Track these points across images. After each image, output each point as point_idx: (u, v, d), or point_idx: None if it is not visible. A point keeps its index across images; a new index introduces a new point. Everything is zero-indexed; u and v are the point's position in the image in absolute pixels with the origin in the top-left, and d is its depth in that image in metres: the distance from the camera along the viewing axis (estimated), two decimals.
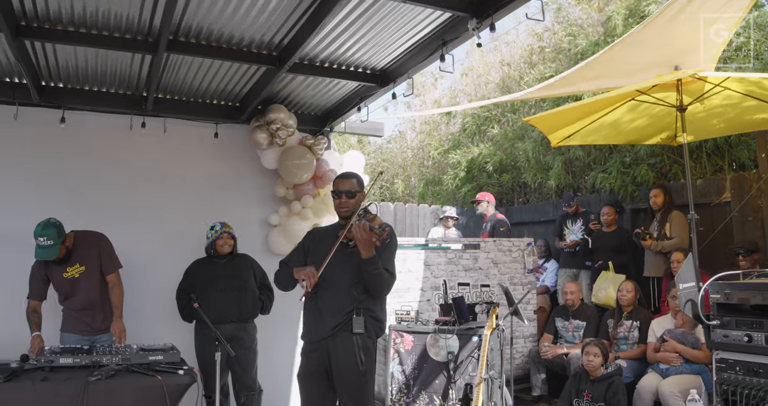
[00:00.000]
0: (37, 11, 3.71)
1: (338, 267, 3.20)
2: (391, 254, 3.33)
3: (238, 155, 5.66)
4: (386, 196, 11.34)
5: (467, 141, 8.81)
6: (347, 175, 3.44)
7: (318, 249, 3.34)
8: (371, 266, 3.11)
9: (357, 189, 3.35)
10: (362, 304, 3.21)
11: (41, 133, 4.91)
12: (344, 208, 3.31)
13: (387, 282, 3.23)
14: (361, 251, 3.09)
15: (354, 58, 4.61)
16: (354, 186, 3.34)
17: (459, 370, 4.60)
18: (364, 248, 3.07)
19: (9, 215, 4.64)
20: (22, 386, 3.26)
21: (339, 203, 3.33)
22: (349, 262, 3.19)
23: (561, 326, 5.63)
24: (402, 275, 5.34)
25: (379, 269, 3.13)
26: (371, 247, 3.08)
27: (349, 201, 3.31)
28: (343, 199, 3.31)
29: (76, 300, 4.23)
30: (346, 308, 3.19)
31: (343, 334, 3.17)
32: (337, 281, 3.22)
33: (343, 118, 5.75)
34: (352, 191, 3.32)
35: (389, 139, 12.69)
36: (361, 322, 3.18)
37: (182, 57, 4.42)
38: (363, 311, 3.20)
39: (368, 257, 3.09)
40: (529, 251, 6.04)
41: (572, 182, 7.26)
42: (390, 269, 3.26)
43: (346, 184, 3.34)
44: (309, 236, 3.53)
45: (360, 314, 3.19)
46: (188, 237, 5.28)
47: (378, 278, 3.14)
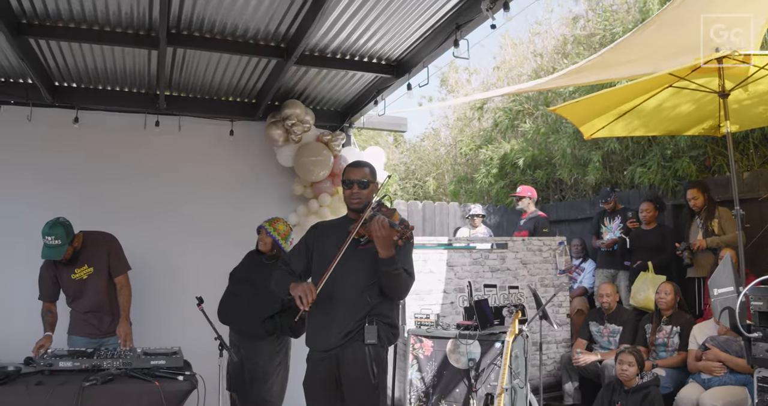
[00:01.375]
0: (35, 9, 3.65)
1: (349, 267, 2.89)
2: (409, 253, 3.02)
3: (255, 153, 5.53)
4: (419, 194, 11.08)
5: (499, 136, 8.46)
6: (359, 164, 3.12)
7: (324, 245, 3.04)
8: (391, 267, 2.79)
9: (370, 179, 3.03)
10: (375, 309, 2.92)
11: (55, 133, 4.89)
12: (356, 199, 2.99)
13: (406, 283, 2.93)
14: (379, 251, 2.76)
15: (366, 48, 4.40)
16: (366, 175, 3.02)
17: (480, 378, 4.31)
18: (383, 246, 2.75)
19: (22, 214, 4.62)
20: (16, 389, 3.16)
21: (350, 193, 3.01)
22: (361, 261, 2.87)
23: (595, 330, 5.26)
24: (423, 276, 5.09)
25: (398, 269, 2.82)
26: (391, 246, 2.75)
27: (362, 192, 2.99)
28: (354, 189, 2.99)
29: (83, 302, 4.14)
30: (357, 314, 2.90)
31: (354, 344, 2.89)
32: (348, 284, 2.92)
33: (361, 112, 5.54)
34: (364, 181, 3.00)
35: (423, 137, 12.44)
36: (374, 331, 2.88)
37: (192, 52, 4.32)
38: (376, 317, 2.92)
39: (388, 257, 2.77)
40: (561, 251, 5.68)
41: (610, 178, 6.84)
42: (409, 269, 2.95)
43: (358, 173, 3.02)
44: (312, 231, 3.20)
45: (373, 322, 2.90)
46: (204, 237, 5.19)
47: (397, 279, 2.84)
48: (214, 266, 4.57)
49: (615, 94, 4.75)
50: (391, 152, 13.07)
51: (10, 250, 4.61)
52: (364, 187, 3.00)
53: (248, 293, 4.17)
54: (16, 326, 4.19)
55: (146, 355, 3.66)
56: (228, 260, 4.38)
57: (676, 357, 4.51)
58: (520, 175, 7.87)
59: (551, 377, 5.42)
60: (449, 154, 10.89)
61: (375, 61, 4.64)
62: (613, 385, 4.28)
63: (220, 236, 5.14)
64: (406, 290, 2.97)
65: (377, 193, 3.15)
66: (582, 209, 7.07)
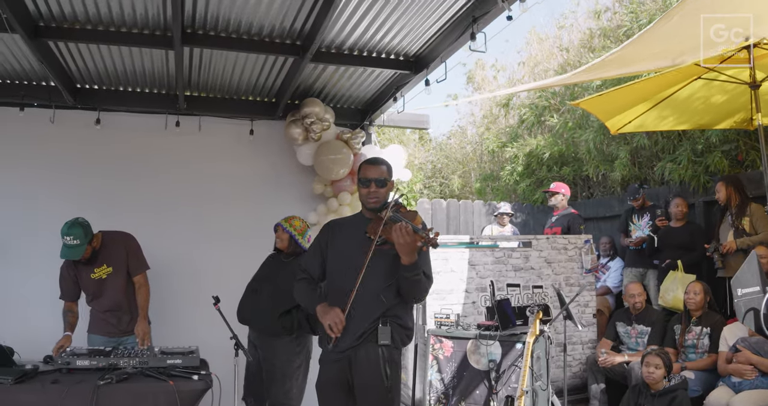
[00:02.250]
0: (52, 12, 3.70)
1: (367, 269, 2.81)
2: (428, 254, 2.94)
3: (276, 152, 5.52)
4: (445, 193, 10.97)
5: (525, 133, 8.30)
6: (376, 161, 3.02)
7: (339, 244, 2.99)
8: (412, 272, 2.71)
9: (387, 177, 2.94)
10: (390, 310, 2.85)
11: (77, 134, 4.96)
12: (373, 198, 2.90)
13: (425, 287, 2.87)
14: (402, 257, 2.67)
15: (384, 44, 4.34)
16: (384, 174, 2.93)
17: (501, 380, 4.21)
18: (406, 253, 2.65)
19: (44, 214, 4.69)
20: (32, 388, 3.20)
21: (367, 192, 2.91)
22: (378, 262, 2.79)
23: (623, 331, 5.10)
24: (444, 276, 5.01)
25: (419, 275, 2.74)
26: (414, 252, 2.66)
27: (380, 191, 2.90)
28: (372, 188, 2.90)
29: (103, 301, 4.18)
30: (372, 315, 2.83)
31: (367, 345, 2.83)
32: (364, 286, 2.83)
33: (381, 110, 5.48)
34: (382, 179, 2.90)
35: (449, 135, 12.32)
36: (388, 332, 2.82)
37: (209, 52, 4.33)
38: (390, 319, 2.85)
39: (410, 263, 2.67)
40: (586, 249, 5.52)
41: (639, 174, 6.63)
42: (427, 271, 2.88)
43: (376, 171, 2.93)
44: (327, 230, 3.12)
45: (387, 323, 2.83)
46: (224, 236, 5.21)
47: (417, 284, 2.77)
48: (234, 265, 4.58)
49: (641, 87, 4.58)
50: (417, 151, 12.99)
51: (31, 249, 4.69)
52: (381, 185, 2.92)
53: (267, 290, 4.14)
54: (37, 324, 4.28)
55: (163, 354, 3.67)
56: (248, 259, 4.37)
57: (706, 359, 4.33)
58: (547, 173, 7.70)
59: (576, 379, 5.28)
60: (475, 152, 10.75)
61: (393, 57, 4.58)
62: (640, 388, 4.14)
63: (241, 236, 5.15)
64: (424, 293, 2.91)
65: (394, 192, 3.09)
66: (610, 206, 6.87)
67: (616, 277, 6.17)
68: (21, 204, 4.78)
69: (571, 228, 6.13)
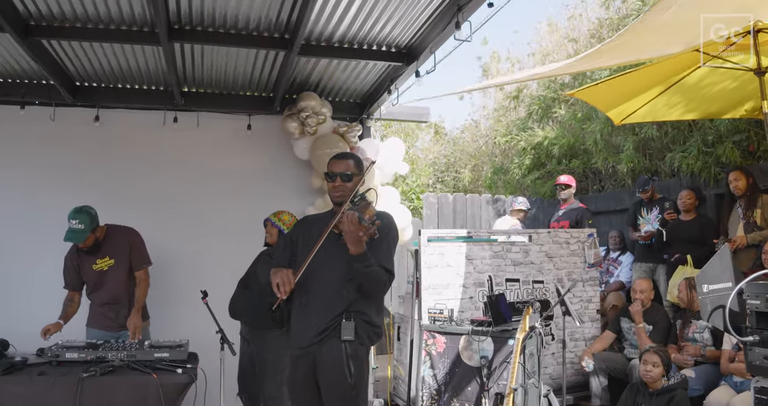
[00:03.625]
0: (41, 11, 3.74)
1: (327, 262, 2.82)
2: (389, 248, 2.90)
3: (274, 147, 5.51)
4: (458, 187, 10.85)
5: (535, 126, 8.13)
6: (343, 156, 3.04)
7: (308, 240, 2.94)
8: (361, 264, 2.70)
9: (354, 171, 2.94)
10: (353, 306, 2.81)
11: (76, 131, 5.01)
12: (339, 192, 2.90)
13: (382, 281, 2.80)
14: (349, 246, 2.67)
15: (373, 35, 4.29)
16: (350, 168, 2.93)
17: (493, 377, 4.13)
18: (351, 242, 2.64)
19: (45, 210, 4.75)
20: (19, 379, 3.27)
21: (333, 186, 2.93)
22: (340, 256, 2.76)
23: (627, 327, 4.96)
24: (440, 270, 4.95)
25: (371, 266, 2.71)
26: (358, 241, 2.64)
27: (345, 185, 2.90)
28: (337, 182, 2.91)
29: (101, 294, 4.22)
30: (334, 310, 2.80)
31: (330, 341, 2.79)
32: (325, 279, 2.84)
33: (378, 103, 5.42)
34: (347, 174, 2.90)
35: (463, 128, 12.17)
36: (351, 327, 2.77)
37: (199, 47, 4.32)
38: (354, 314, 2.80)
39: (357, 253, 2.65)
40: (590, 243, 5.39)
41: (648, 166, 6.44)
42: (387, 266, 2.83)
43: (341, 165, 2.94)
44: (299, 225, 3.17)
45: (350, 318, 2.79)
46: (223, 231, 5.22)
47: (369, 276, 2.74)
48: (233, 259, 4.56)
49: (642, 75, 4.43)
50: (432, 145, 12.89)
51: (33, 245, 4.76)
52: (347, 180, 2.90)
53: (257, 285, 4.16)
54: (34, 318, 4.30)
55: (152, 347, 3.71)
56: (246, 254, 4.36)
57: (707, 353, 4.19)
58: (556, 165, 7.54)
59: (579, 376, 5.16)
60: (487, 146, 10.60)
61: (385, 48, 4.53)
62: (638, 386, 4.02)
63: (239, 230, 5.13)
64: (382, 287, 2.84)
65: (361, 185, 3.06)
66: (620, 199, 6.69)
67: (628, 271, 6.00)
68: (22, 201, 4.85)
69: (580, 222, 5.99)
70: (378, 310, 2.94)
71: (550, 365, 5.15)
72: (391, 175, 5.67)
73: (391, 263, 2.86)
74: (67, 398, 3.21)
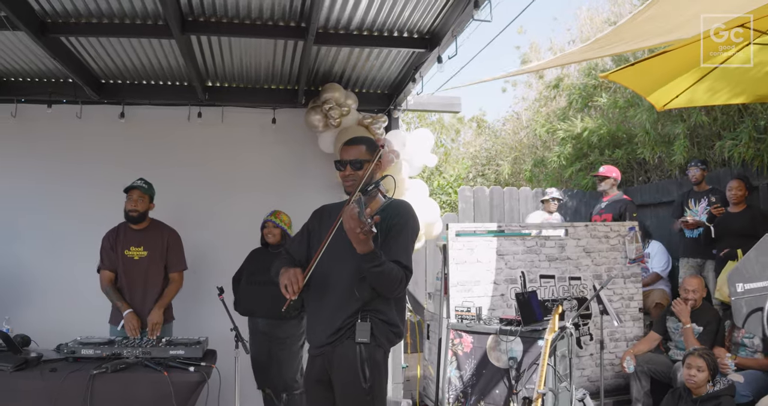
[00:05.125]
0: (55, 9, 3.74)
1: (338, 258, 2.59)
2: (406, 241, 2.63)
3: (298, 140, 5.41)
4: (499, 181, 10.53)
5: (575, 115, 7.74)
6: (353, 141, 2.78)
7: (319, 233, 2.76)
8: (369, 264, 2.42)
9: (366, 157, 2.69)
10: (369, 305, 2.58)
11: (102, 128, 5.04)
12: (349, 182, 2.68)
13: (396, 280, 2.51)
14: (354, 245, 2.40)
15: (392, 21, 4.10)
16: (362, 154, 2.69)
17: (521, 379, 3.88)
18: (353, 240, 2.36)
19: (74, 206, 4.82)
20: (32, 375, 3.25)
21: (343, 175, 2.71)
22: (351, 251, 2.46)
23: (673, 327, 4.63)
24: (469, 266, 4.74)
25: (380, 266, 2.43)
26: (358, 239, 2.34)
27: (356, 173, 2.66)
28: (347, 170, 2.68)
29: (125, 281, 4.19)
30: (348, 310, 2.58)
31: (344, 342, 2.59)
32: (336, 276, 2.63)
33: (404, 93, 5.23)
34: (358, 161, 2.66)
35: (504, 120, 11.81)
36: (367, 328, 2.56)
37: (217, 40, 4.25)
38: (371, 313, 2.58)
39: (364, 253, 2.38)
40: (631, 237, 5.05)
41: (697, 155, 6.00)
42: (403, 261, 2.55)
43: (351, 152, 2.70)
44: (315, 215, 2.92)
45: (366, 318, 2.57)
46: (249, 226, 5.14)
47: (380, 276, 2.46)
48: None
49: (683, 54, 4.07)
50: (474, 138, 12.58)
51: (61, 240, 4.82)
52: (357, 167, 2.67)
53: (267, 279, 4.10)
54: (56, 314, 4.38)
55: (168, 345, 3.65)
56: None
57: (759, 360, 3.83)
58: (598, 156, 7.15)
59: (620, 379, 4.86)
60: (528, 138, 10.22)
61: (406, 34, 4.34)
62: (680, 392, 3.72)
63: None
64: (396, 286, 2.54)
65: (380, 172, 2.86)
66: (668, 191, 6.28)
67: (661, 259, 5.61)
68: (50, 199, 4.91)
69: (623, 215, 5.64)
70: (399, 308, 2.71)
71: (588, 366, 4.86)
72: (419, 168, 5.47)
73: (407, 258, 2.60)
74: (78, 394, 3.18)
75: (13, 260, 4.82)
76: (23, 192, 4.91)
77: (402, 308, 2.77)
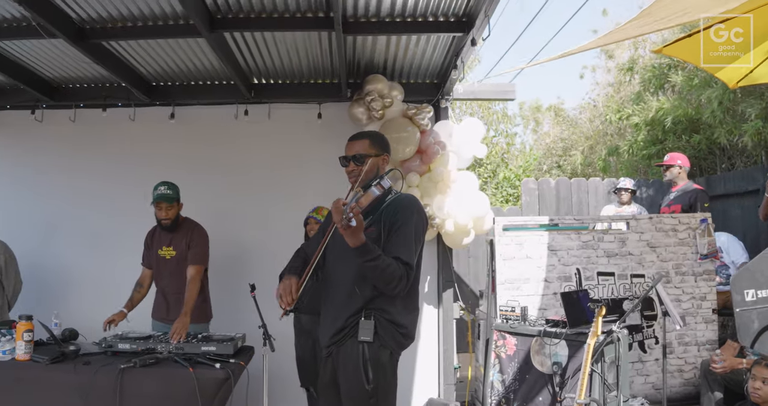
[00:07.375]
0: (90, 15, 3.87)
1: (340, 255, 2.55)
2: (406, 238, 2.50)
3: (344, 135, 5.07)
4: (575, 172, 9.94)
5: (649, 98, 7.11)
6: (357, 136, 2.75)
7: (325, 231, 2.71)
8: (361, 257, 2.35)
9: (370, 152, 2.63)
10: (373, 303, 2.50)
11: (154, 129, 5.18)
12: (353, 178, 2.64)
13: (395, 276, 2.41)
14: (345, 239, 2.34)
15: (423, 4, 3.90)
16: (365, 148, 2.64)
17: (566, 386, 3.58)
18: (344, 234, 2.31)
19: (128, 206, 4.97)
20: (66, 368, 3.37)
21: (348, 171, 2.68)
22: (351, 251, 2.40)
23: None
24: (517, 263, 4.47)
25: (374, 260, 2.35)
26: (347, 232, 2.27)
27: (360, 169, 2.61)
28: (351, 166, 2.66)
29: (159, 280, 4.32)
30: (350, 308, 2.52)
31: (348, 341, 2.52)
32: (339, 274, 2.59)
33: (450, 81, 5.01)
34: (360, 156, 2.62)
35: (580, 109, 11.14)
36: (370, 327, 2.47)
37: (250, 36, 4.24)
38: (375, 312, 2.49)
39: (355, 246, 2.33)
40: (702, 230, 4.55)
41: None
42: (403, 257, 2.44)
43: (354, 146, 2.68)
44: (329, 214, 2.80)
45: (370, 316, 2.48)
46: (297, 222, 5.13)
47: (375, 271, 2.38)
48: None
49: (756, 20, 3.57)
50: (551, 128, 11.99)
51: (116, 239, 5.00)
52: (360, 162, 2.62)
53: None
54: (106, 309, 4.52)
55: (201, 340, 3.68)
56: None
57: None
58: (676, 141, 6.52)
59: (690, 387, 4.41)
60: (604, 125, 9.56)
61: (442, 18, 4.12)
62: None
63: None
64: (394, 283, 2.43)
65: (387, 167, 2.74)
66: (753, 178, 5.62)
67: (737, 250, 5.00)
68: (105, 199, 5.13)
69: (694, 206, 5.11)
70: (405, 308, 2.59)
71: (653, 372, 4.44)
72: (468, 160, 5.22)
73: (408, 255, 2.48)
74: (108, 388, 3.26)
75: (63, 256, 5.08)
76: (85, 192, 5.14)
77: (411, 308, 2.64)
